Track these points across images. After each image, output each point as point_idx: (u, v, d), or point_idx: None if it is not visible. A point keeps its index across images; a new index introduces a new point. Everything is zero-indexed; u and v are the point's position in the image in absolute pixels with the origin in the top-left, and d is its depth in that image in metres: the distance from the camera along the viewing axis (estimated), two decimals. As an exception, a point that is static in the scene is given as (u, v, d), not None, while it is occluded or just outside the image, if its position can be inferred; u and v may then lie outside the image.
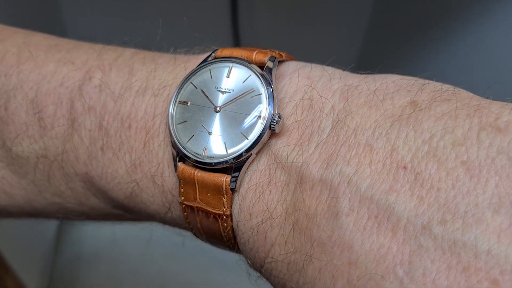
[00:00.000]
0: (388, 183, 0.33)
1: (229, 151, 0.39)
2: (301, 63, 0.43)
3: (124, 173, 0.44)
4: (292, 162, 0.37)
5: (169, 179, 0.42)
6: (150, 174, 0.42)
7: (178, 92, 0.42)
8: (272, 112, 0.38)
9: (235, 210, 0.40)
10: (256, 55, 0.41)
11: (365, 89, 0.38)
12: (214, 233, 0.42)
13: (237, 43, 0.74)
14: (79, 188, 0.47)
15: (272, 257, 0.38)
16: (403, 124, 0.35)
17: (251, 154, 0.38)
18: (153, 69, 0.44)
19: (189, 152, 0.40)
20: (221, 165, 0.39)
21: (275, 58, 0.41)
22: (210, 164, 0.39)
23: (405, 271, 0.31)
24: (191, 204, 0.41)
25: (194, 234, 0.44)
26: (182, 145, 0.40)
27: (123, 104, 0.44)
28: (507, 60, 0.51)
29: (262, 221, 0.38)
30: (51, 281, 1.06)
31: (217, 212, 0.40)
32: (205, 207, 0.40)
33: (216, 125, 0.40)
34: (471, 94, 0.36)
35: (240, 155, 0.38)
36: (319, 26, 0.69)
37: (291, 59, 0.44)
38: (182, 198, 0.41)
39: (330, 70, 0.42)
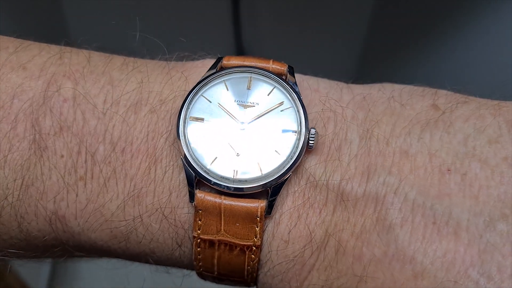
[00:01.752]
0: (437, 188, 0.33)
1: (264, 172, 0.34)
2: (303, 75, 0.40)
3: (117, 209, 0.35)
4: (328, 180, 0.35)
5: (182, 211, 0.35)
6: (158, 207, 0.35)
7: (187, 107, 0.35)
8: (309, 126, 0.35)
9: (267, 239, 0.35)
10: (273, 65, 0.37)
11: (379, 97, 0.38)
12: (233, 268, 0.36)
13: (239, 47, 0.68)
14: (34, 231, 0.37)
15: (308, 286, 0.35)
16: (433, 128, 0.35)
17: (290, 174, 0.34)
18: (144, 79, 0.37)
19: (213, 177, 0.34)
20: (257, 189, 0.34)
21: (292, 68, 0.38)
22: (242, 189, 0.34)
23: (479, 272, 0.31)
24: (211, 237, 0.35)
25: (200, 272, 0.38)
26: (203, 169, 0.34)
27: (111, 122, 0.35)
28: (507, 63, 0.55)
29: (300, 247, 0.35)
30: (52, 280, 1.02)
31: (246, 243, 0.35)
32: (231, 239, 0.35)
33: (244, 143, 0.35)
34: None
35: (280, 176, 0.34)
36: (320, 32, 0.67)
37: None
38: (199, 231, 0.35)
39: (334, 82, 0.40)
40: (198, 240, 0.35)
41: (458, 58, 0.61)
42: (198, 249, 0.35)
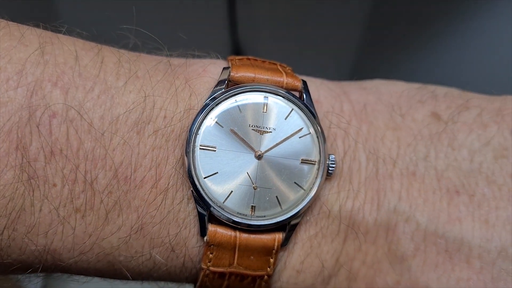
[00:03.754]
0: (446, 212, 0.33)
1: (284, 206, 0.32)
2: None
3: (120, 243, 0.32)
4: (340, 209, 0.33)
5: (191, 243, 0.33)
6: (167, 241, 0.32)
7: (196, 132, 0.31)
8: (328, 154, 0.33)
9: (278, 268, 0.34)
10: (287, 79, 0.34)
11: (378, 105, 0.36)
12: None
13: (235, 45, 0.60)
14: (16, 263, 0.33)
15: None
16: (437, 143, 0.34)
17: (309, 206, 0.33)
18: (145, 88, 0.32)
19: (229, 213, 0.31)
20: (276, 225, 0.32)
21: (306, 83, 0.34)
22: (261, 226, 0.32)
23: None
24: (221, 270, 0.33)
25: None
26: (217, 204, 0.31)
27: (111, 145, 0.30)
28: (506, 62, 0.54)
29: (311, 276, 0.34)
30: (47, 277, 0.90)
31: (259, 273, 0.33)
32: (243, 271, 0.33)
33: (262, 175, 0.32)
34: (470, 93, 0.37)
35: (300, 210, 0.32)
36: (316, 31, 0.61)
37: None
38: (209, 263, 0.33)
39: (329, 85, 0.37)
40: (207, 272, 0.33)
41: (456, 56, 0.60)
42: (206, 278, 0.34)
